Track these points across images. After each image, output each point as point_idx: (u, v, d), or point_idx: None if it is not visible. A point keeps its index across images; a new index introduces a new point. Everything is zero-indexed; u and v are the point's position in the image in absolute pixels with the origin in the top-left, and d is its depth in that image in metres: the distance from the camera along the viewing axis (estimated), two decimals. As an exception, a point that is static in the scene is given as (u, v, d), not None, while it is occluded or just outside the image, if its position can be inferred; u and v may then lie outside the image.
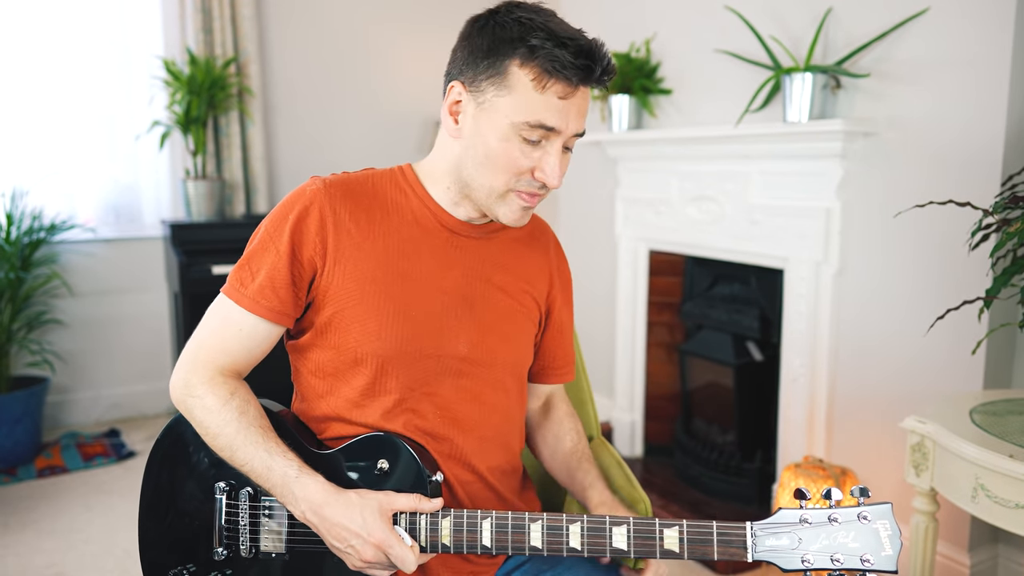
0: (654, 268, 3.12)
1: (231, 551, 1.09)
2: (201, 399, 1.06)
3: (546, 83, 0.99)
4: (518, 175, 1.04)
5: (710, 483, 2.80)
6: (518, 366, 1.19)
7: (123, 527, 2.57)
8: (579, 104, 1.02)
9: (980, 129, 1.98)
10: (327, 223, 1.06)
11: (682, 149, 2.83)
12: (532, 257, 1.22)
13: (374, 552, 0.98)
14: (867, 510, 0.92)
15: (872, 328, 2.30)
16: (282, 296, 1.06)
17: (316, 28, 3.90)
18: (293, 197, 1.09)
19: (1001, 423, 1.60)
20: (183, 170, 3.59)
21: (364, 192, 1.11)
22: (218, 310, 1.10)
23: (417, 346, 1.08)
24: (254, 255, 1.08)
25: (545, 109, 1.00)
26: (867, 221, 2.28)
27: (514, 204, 1.06)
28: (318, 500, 0.99)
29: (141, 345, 3.66)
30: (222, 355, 1.08)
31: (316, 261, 1.06)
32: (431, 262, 1.11)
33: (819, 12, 2.34)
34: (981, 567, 2.10)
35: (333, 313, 1.07)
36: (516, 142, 1.02)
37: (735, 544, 0.94)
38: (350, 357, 1.07)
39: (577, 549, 0.98)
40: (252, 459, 1.02)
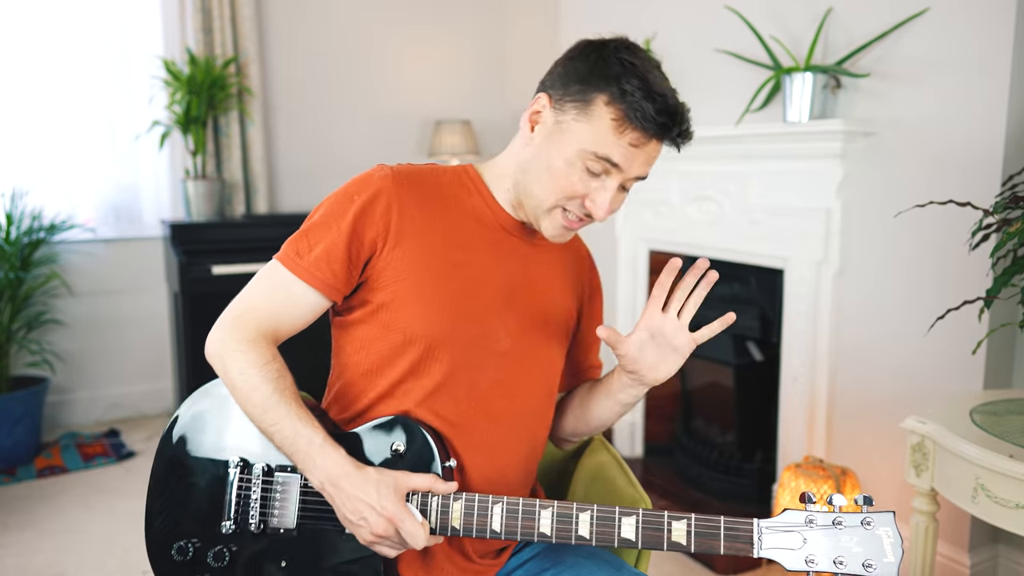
0: (654, 268, 3.12)
1: (239, 526, 1.10)
2: (243, 355, 1.07)
3: (624, 127, 1.05)
4: (569, 198, 1.09)
5: (710, 483, 2.80)
6: (550, 369, 1.22)
7: (123, 527, 2.57)
8: (649, 153, 1.08)
9: (980, 129, 1.98)
10: (392, 208, 1.10)
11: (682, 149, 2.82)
12: (572, 264, 1.27)
13: (386, 526, 1.00)
14: (871, 516, 0.94)
15: (872, 328, 2.30)
16: (336, 270, 1.09)
17: (316, 28, 3.90)
18: (361, 180, 1.13)
19: (1001, 423, 1.60)
20: (183, 170, 3.59)
21: (428, 184, 1.16)
22: (269, 275, 1.12)
23: (463, 334, 1.11)
24: (313, 228, 1.11)
25: (615, 149, 1.05)
26: (867, 221, 2.28)
27: (557, 222, 1.11)
28: (337, 472, 1.02)
29: (141, 345, 3.66)
30: (267, 319, 1.10)
31: (377, 242, 1.10)
32: (484, 257, 1.15)
33: (819, 12, 2.34)
34: (981, 567, 2.10)
35: (388, 294, 1.11)
36: (578, 168, 1.07)
37: (742, 539, 0.95)
38: (399, 338, 1.10)
39: (585, 537, 0.99)
40: (281, 420, 1.04)
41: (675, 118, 1.05)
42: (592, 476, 1.36)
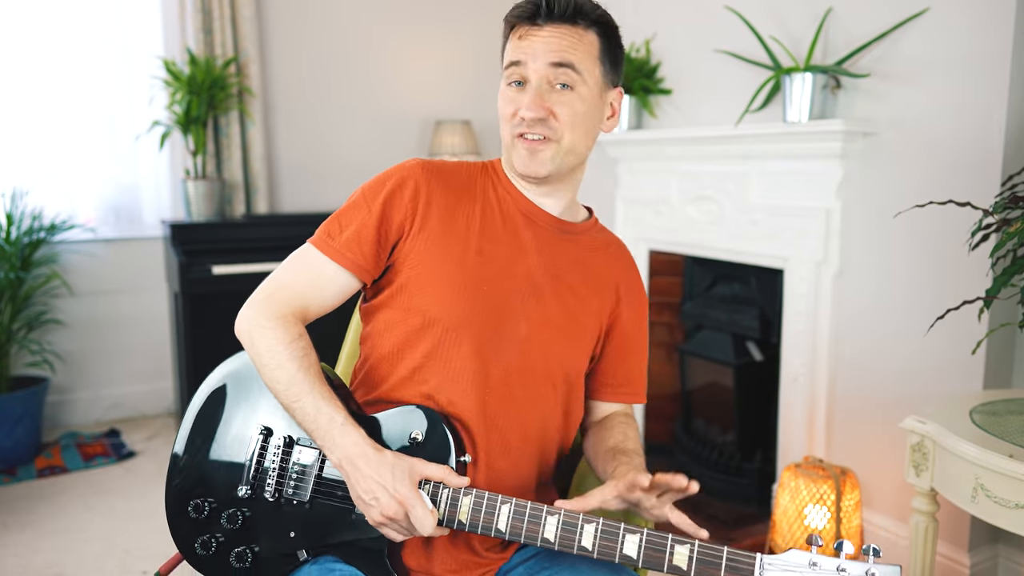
0: (654, 268, 3.12)
1: (255, 492, 1.13)
2: (271, 331, 1.10)
3: (510, 32, 1.15)
4: (511, 120, 1.14)
5: (710, 483, 2.80)
6: (568, 366, 1.21)
7: (123, 527, 2.57)
8: (546, 40, 1.11)
9: (980, 129, 1.98)
10: (420, 193, 1.16)
11: (682, 149, 2.83)
12: (603, 267, 1.26)
13: (396, 508, 1.01)
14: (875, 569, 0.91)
15: (872, 328, 2.30)
16: (366, 252, 1.14)
17: (316, 28, 3.90)
18: (394, 169, 1.19)
19: (1001, 423, 1.60)
20: (183, 170, 3.59)
21: (456, 175, 1.21)
22: (302, 256, 1.17)
23: (481, 321, 1.13)
24: (345, 212, 1.16)
25: (511, 51, 1.14)
26: (867, 221, 2.28)
27: (520, 149, 1.15)
28: (355, 451, 1.04)
29: (141, 345, 3.66)
30: (297, 298, 1.14)
31: (405, 226, 1.15)
32: (507, 246, 1.18)
33: (819, 12, 2.34)
34: (981, 567, 2.10)
35: (410, 276, 1.14)
36: (505, 92, 1.15)
37: (742, 572, 0.94)
38: (419, 320, 1.13)
39: (588, 549, 0.99)
40: (304, 396, 1.07)
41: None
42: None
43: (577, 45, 1.12)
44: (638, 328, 1.31)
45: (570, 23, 1.12)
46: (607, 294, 1.26)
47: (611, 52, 1.17)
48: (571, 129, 1.13)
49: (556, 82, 1.12)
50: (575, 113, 1.13)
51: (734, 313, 2.79)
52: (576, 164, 1.19)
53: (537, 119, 1.11)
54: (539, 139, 1.13)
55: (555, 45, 1.11)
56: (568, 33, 1.12)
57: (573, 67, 1.11)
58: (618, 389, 1.30)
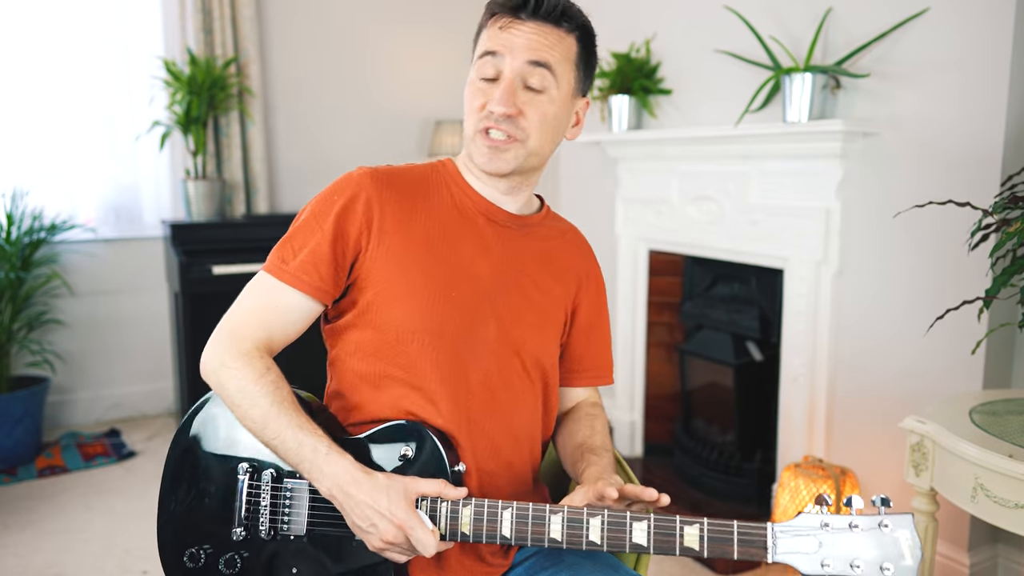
0: (654, 268, 3.12)
1: (250, 532, 1.10)
2: (238, 371, 1.07)
3: (489, 21, 1.12)
4: (477, 112, 1.12)
5: (710, 483, 2.80)
6: (543, 359, 1.20)
7: (123, 527, 2.57)
8: (527, 37, 1.09)
9: (980, 129, 1.98)
10: (373, 206, 1.11)
11: (682, 149, 2.83)
12: (562, 255, 1.26)
13: (395, 532, 0.99)
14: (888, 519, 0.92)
15: (872, 328, 2.30)
16: (323, 273, 1.10)
17: (316, 28, 3.90)
18: (341, 182, 1.14)
19: (1001, 423, 1.60)
20: (183, 170, 3.59)
21: (408, 180, 1.17)
22: (258, 286, 1.12)
23: (453, 327, 1.11)
24: (296, 233, 1.12)
25: (488, 40, 1.11)
26: (867, 221, 2.28)
27: (480, 145, 1.12)
28: (346, 478, 1.01)
29: (141, 345, 3.67)
30: (259, 330, 1.10)
31: (361, 241, 1.11)
32: (468, 247, 1.15)
33: (819, 12, 2.34)
34: (981, 567, 2.10)
35: (376, 292, 1.11)
36: (475, 82, 1.12)
37: (756, 544, 0.94)
38: (393, 336, 1.10)
39: (596, 543, 0.98)
40: (283, 432, 1.04)
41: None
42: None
43: (557, 47, 1.10)
44: (599, 311, 1.31)
45: (554, 23, 1.10)
46: (568, 281, 1.26)
47: (587, 60, 1.16)
48: (538, 131, 1.11)
49: (530, 81, 1.09)
50: (545, 116, 1.11)
51: (734, 313, 2.79)
52: (537, 166, 1.17)
53: (506, 115, 1.09)
54: (504, 138, 1.10)
55: (536, 43, 1.08)
56: (550, 33, 1.09)
57: (550, 68, 1.09)
58: (585, 374, 1.30)
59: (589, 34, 1.14)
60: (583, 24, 1.13)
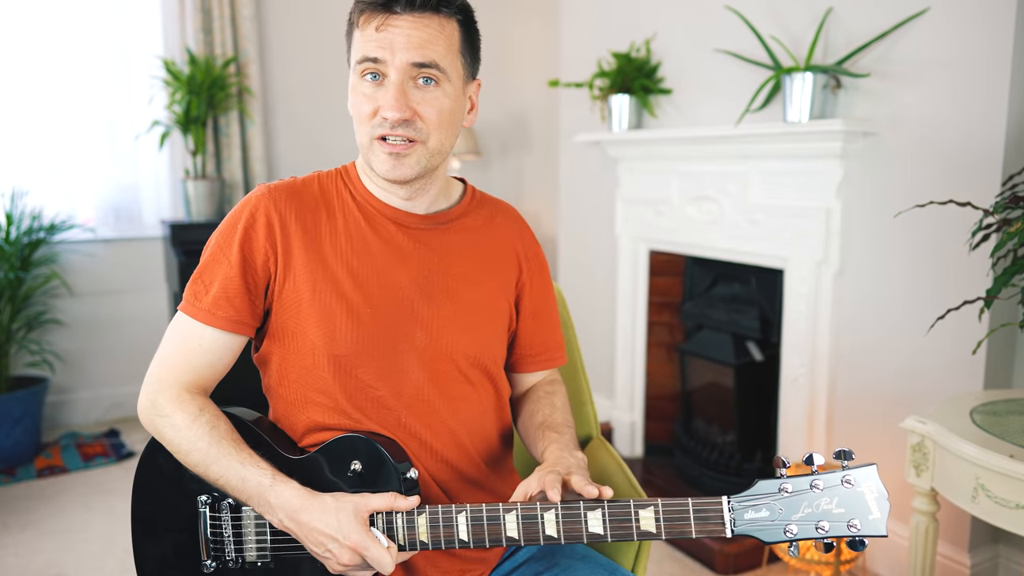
0: (654, 268, 3.12)
1: (219, 563, 1.09)
2: (169, 418, 1.05)
3: (361, 19, 1.04)
4: (369, 120, 1.04)
5: (710, 483, 2.79)
6: (482, 358, 1.16)
7: (123, 527, 2.57)
8: (406, 33, 1.01)
9: (980, 129, 1.98)
10: (274, 227, 1.08)
11: (682, 149, 2.83)
12: (494, 243, 1.20)
13: (351, 555, 0.98)
14: (851, 474, 0.89)
15: (872, 328, 2.29)
16: (237, 305, 1.07)
17: (316, 28, 3.90)
18: (240, 207, 1.10)
19: (1001, 423, 1.60)
20: (183, 170, 3.59)
21: (309, 194, 1.12)
22: (177, 327, 1.10)
23: (373, 344, 1.08)
24: (205, 268, 1.09)
25: (365, 42, 1.03)
26: (867, 221, 2.28)
27: (379, 153, 1.06)
28: (294, 506, 0.99)
29: (141, 345, 3.66)
30: (186, 372, 1.08)
31: (269, 266, 1.08)
32: (381, 258, 1.10)
33: (819, 12, 2.34)
34: (981, 567, 2.10)
35: (288, 317, 1.08)
36: (359, 88, 1.05)
37: (713, 520, 0.92)
38: (309, 361, 1.08)
39: (554, 536, 0.96)
40: (226, 472, 1.03)
41: None
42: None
43: (438, 38, 1.03)
44: (544, 291, 1.27)
45: (433, 11, 1.02)
46: (508, 268, 1.21)
47: (471, 43, 1.09)
48: (438, 129, 1.05)
49: (419, 80, 1.03)
50: (441, 112, 1.05)
51: (734, 313, 2.78)
52: (440, 163, 1.11)
53: (401, 120, 1.02)
54: (403, 143, 1.04)
55: (416, 39, 1.01)
56: (430, 23, 1.02)
57: (437, 66, 1.03)
58: (538, 358, 1.27)
59: (470, 15, 1.09)
60: (461, 5, 1.06)
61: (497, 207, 1.25)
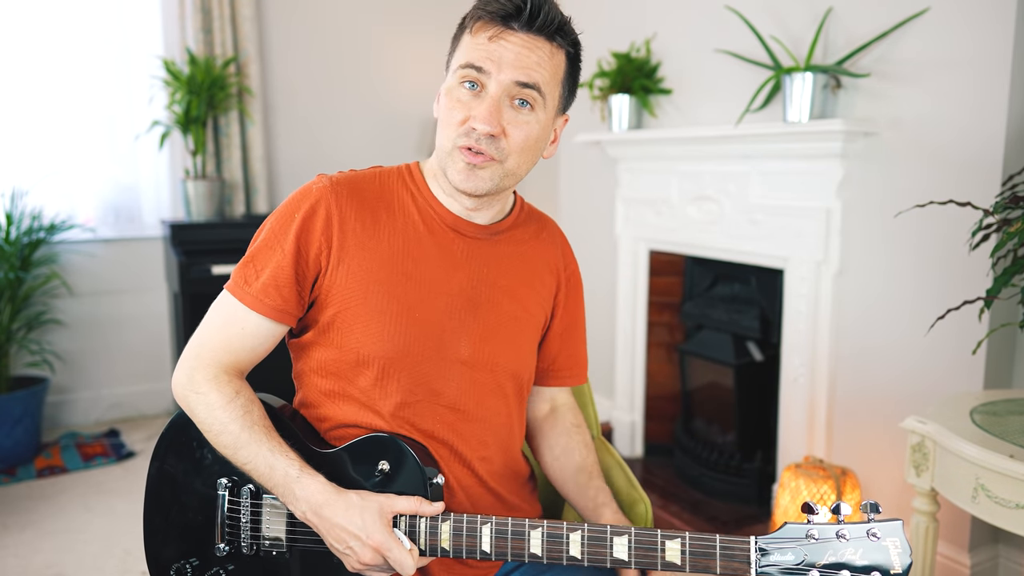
0: (654, 268, 3.12)
1: (233, 547, 1.09)
2: (205, 396, 1.06)
3: (478, 26, 1.03)
4: (457, 127, 1.04)
5: (710, 483, 2.80)
6: (519, 372, 1.17)
7: (123, 527, 2.57)
8: (516, 51, 1.01)
9: (980, 129, 1.98)
10: (332, 222, 1.07)
11: (682, 149, 2.83)
12: (539, 257, 1.21)
13: (372, 555, 0.98)
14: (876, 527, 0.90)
15: (872, 328, 2.29)
16: (286, 295, 1.07)
17: (316, 28, 3.90)
18: (299, 195, 1.09)
19: (1001, 423, 1.60)
20: (183, 170, 3.59)
21: (370, 191, 1.12)
22: (221, 307, 1.10)
23: (419, 348, 1.08)
24: (258, 253, 1.09)
25: (473, 49, 1.02)
26: (867, 221, 2.28)
27: (458, 161, 1.05)
28: (319, 500, 0.99)
29: (141, 345, 3.66)
30: (225, 353, 1.08)
31: (321, 260, 1.07)
32: (436, 264, 1.10)
33: (819, 12, 2.34)
34: (981, 567, 2.10)
35: (336, 312, 1.08)
36: (455, 93, 1.05)
37: (738, 559, 0.92)
38: (352, 357, 1.08)
39: (577, 558, 0.97)
40: (255, 458, 1.03)
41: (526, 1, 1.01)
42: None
43: (546, 64, 1.03)
44: (577, 310, 1.28)
45: (547, 38, 1.03)
46: (548, 282, 1.22)
47: (573, 78, 1.10)
48: (519, 153, 1.05)
49: (516, 100, 1.03)
50: (528, 137, 1.04)
51: (734, 313, 2.78)
52: (511, 186, 1.11)
53: (489, 135, 1.02)
54: (483, 156, 1.03)
55: (526, 60, 1.01)
56: (541, 48, 1.02)
57: (539, 89, 1.03)
58: (559, 374, 1.27)
59: (579, 51, 1.09)
60: (575, 41, 1.07)
61: (544, 222, 1.26)
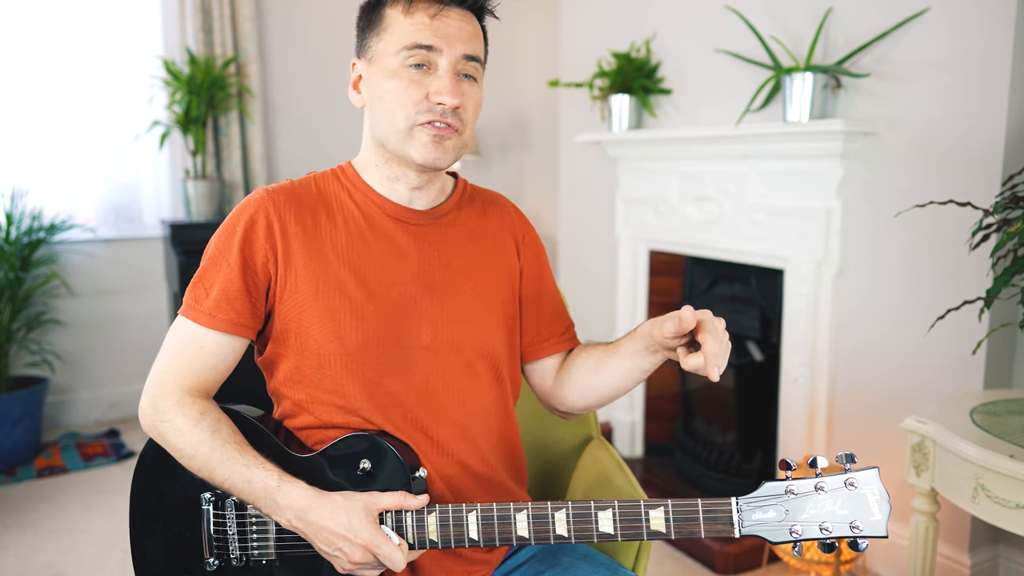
0: (654, 268, 3.12)
1: (222, 560, 1.09)
2: (172, 423, 1.05)
3: (411, 8, 1.05)
4: (415, 105, 1.05)
5: (710, 483, 2.79)
6: (489, 350, 1.16)
7: (123, 527, 2.57)
8: (459, 25, 1.06)
9: (980, 129, 1.98)
10: (274, 229, 1.08)
11: (682, 149, 2.83)
12: (491, 232, 1.22)
13: (362, 553, 0.98)
14: (853, 476, 0.92)
15: (872, 328, 2.29)
16: (239, 308, 1.07)
17: (316, 28, 3.90)
18: (239, 210, 1.10)
19: (1001, 423, 1.60)
20: (183, 170, 3.59)
21: (307, 195, 1.13)
22: (177, 331, 1.10)
23: (378, 341, 1.08)
24: (206, 272, 1.09)
25: (417, 30, 1.04)
26: (867, 221, 2.28)
27: (423, 137, 1.06)
28: (302, 506, 0.99)
29: (141, 345, 3.66)
30: (187, 375, 1.08)
31: (269, 268, 1.08)
32: (383, 255, 1.11)
33: (819, 12, 2.34)
34: (981, 567, 2.10)
35: (291, 318, 1.08)
36: (405, 75, 1.05)
37: (721, 520, 0.94)
38: (314, 360, 1.08)
39: (564, 536, 0.97)
40: (231, 475, 1.02)
41: None
42: (591, 476, 1.36)
43: (480, 37, 1.10)
44: (542, 272, 1.27)
45: (475, 12, 1.09)
46: (506, 256, 1.22)
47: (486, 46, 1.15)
48: (472, 121, 1.10)
49: (463, 72, 1.07)
50: (477, 104, 1.10)
51: (734, 313, 2.78)
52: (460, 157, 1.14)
53: (454, 107, 1.05)
54: (449, 128, 1.06)
55: (466, 34, 1.07)
56: (473, 21, 1.09)
57: (480, 61, 1.09)
58: (550, 340, 1.25)
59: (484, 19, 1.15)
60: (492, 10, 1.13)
61: (488, 197, 1.26)
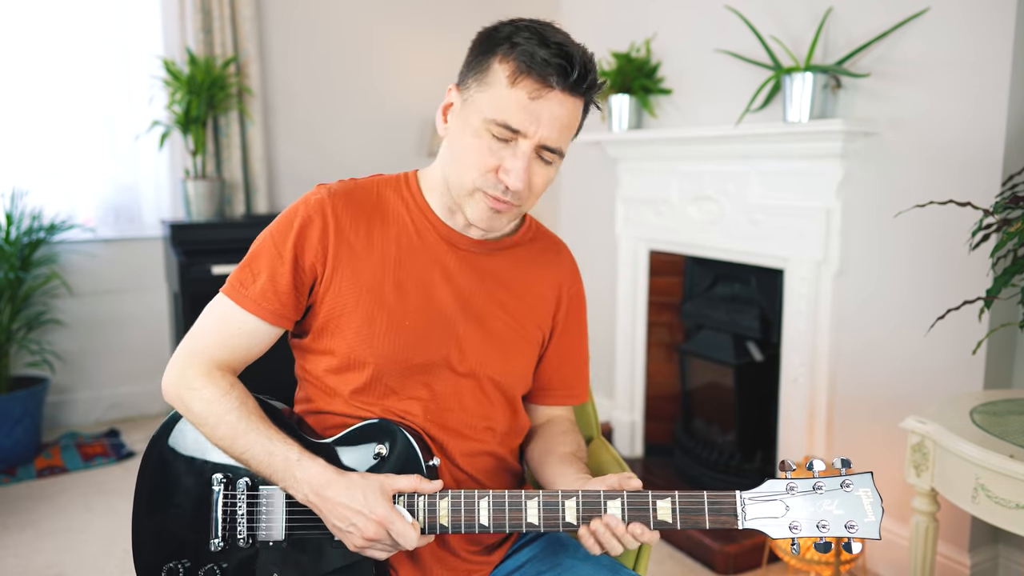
0: (654, 268, 3.12)
1: (228, 542, 1.10)
2: (199, 391, 1.08)
3: (518, 78, 1.01)
4: (484, 172, 1.05)
5: (710, 483, 2.79)
6: (506, 383, 1.19)
7: (123, 527, 2.57)
8: (553, 110, 1.02)
9: (980, 129, 1.98)
10: (329, 231, 1.11)
11: (682, 149, 2.83)
12: (540, 276, 1.23)
13: (376, 529, 0.99)
14: (850, 479, 0.96)
15: (872, 328, 2.30)
16: (283, 300, 1.11)
17: (316, 28, 3.89)
18: (298, 204, 1.13)
19: (1001, 423, 1.60)
20: (183, 170, 3.59)
21: (367, 200, 1.15)
22: (217, 309, 1.13)
23: (406, 355, 1.11)
24: (257, 258, 1.12)
25: (513, 106, 1.01)
26: (867, 221, 2.28)
27: (481, 204, 1.07)
28: (320, 481, 1.02)
29: (141, 345, 3.66)
30: (221, 351, 1.11)
31: (317, 267, 1.11)
32: (427, 274, 1.14)
33: (819, 12, 2.34)
34: (981, 567, 2.10)
35: (330, 318, 1.12)
36: (486, 139, 1.04)
37: (726, 512, 0.98)
38: (344, 362, 1.12)
39: (573, 524, 1.01)
40: (253, 445, 1.05)
41: (571, 60, 1.01)
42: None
43: (574, 123, 1.07)
44: (578, 331, 1.30)
45: (581, 95, 1.05)
46: (547, 301, 1.23)
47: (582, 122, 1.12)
48: (535, 198, 1.10)
49: (543, 156, 1.06)
50: (546, 184, 1.09)
51: (734, 313, 2.78)
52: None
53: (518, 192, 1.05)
54: (507, 205, 1.07)
55: (560, 122, 1.03)
56: (574, 107, 1.05)
57: (561, 152, 1.06)
58: (555, 393, 1.29)
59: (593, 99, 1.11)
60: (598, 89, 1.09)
61: (550, 242, 1.27)
